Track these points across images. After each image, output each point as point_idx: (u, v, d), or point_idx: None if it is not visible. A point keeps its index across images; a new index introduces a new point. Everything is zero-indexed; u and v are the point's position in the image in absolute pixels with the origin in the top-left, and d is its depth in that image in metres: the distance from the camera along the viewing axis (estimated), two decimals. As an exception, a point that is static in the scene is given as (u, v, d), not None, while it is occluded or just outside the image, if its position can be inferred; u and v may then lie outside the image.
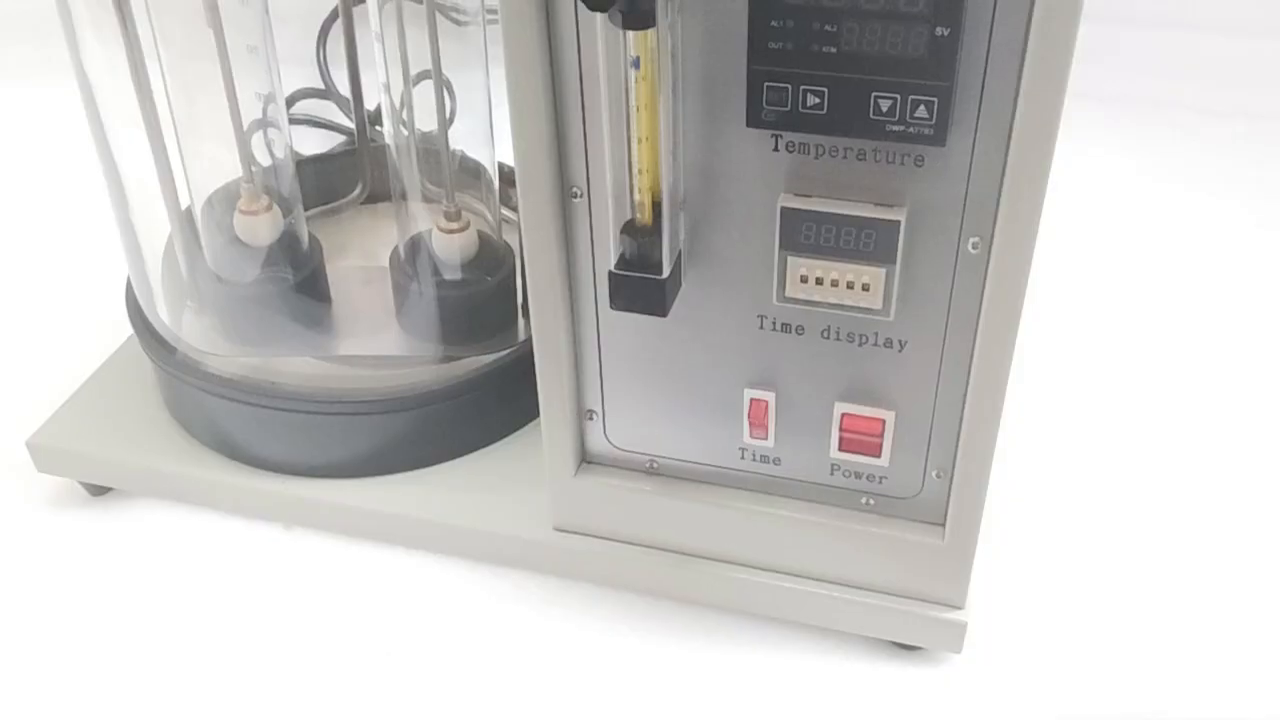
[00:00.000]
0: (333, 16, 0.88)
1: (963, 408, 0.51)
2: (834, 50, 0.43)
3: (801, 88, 0.44)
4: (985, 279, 0.47)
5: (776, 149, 0.47)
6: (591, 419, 0.57)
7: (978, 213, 0.46)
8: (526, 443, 0.67)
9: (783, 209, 0.47)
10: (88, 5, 0.59)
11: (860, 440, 0.53)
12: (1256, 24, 1.00)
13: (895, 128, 0.44)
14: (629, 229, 0.48)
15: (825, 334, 0.51)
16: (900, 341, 0.50)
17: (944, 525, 0.55)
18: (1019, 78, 0.42)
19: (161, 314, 0.68)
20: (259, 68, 0.62)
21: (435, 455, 0.66)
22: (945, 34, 0.41)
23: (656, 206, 0.47)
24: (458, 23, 0.63)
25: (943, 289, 0.48)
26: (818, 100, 0.44)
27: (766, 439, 0.55)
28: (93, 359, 0.72)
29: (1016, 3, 0.41)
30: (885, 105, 0.43)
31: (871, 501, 0.56)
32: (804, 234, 0.47)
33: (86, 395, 0.70)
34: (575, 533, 0.61)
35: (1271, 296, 0.84)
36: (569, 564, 0.62)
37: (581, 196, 0.50)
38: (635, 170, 0.46)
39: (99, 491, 0.69)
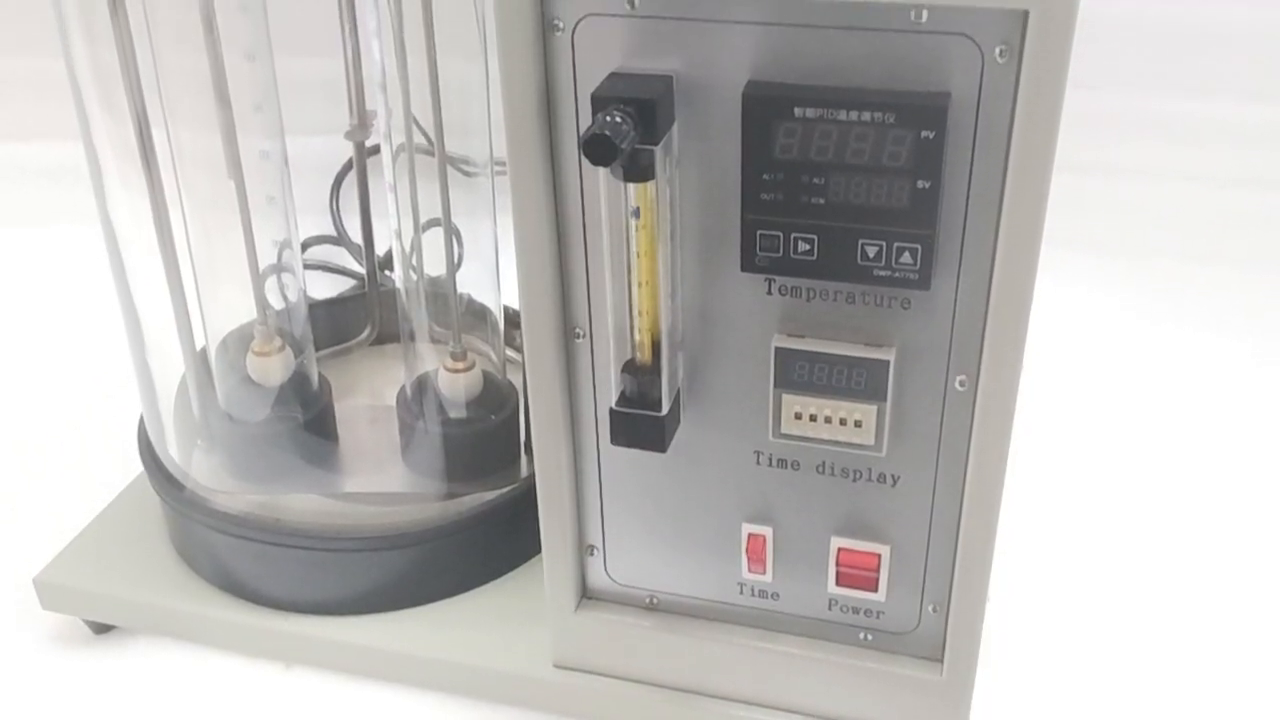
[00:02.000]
0: (347, 167, 0.92)
1: (956, 542, 0.52)
2: (822, 201, 0.45)
3: (792, 235, 0.46)
4: (973, 416, 0.49)
5: (770, 292, 0.49)
6: (592, 554, 0.58)
7: (963, 352, 0.48)
8: (527, 579, 0.68)
9: (777, 349, 0.49)
10: (116, 157, 0.62)
11: (857, 575, 0.54)
12: (1235, 175, 1.04)
13: (882, 273, 0.46)
14: (630, 368, 0.50)
15: (820, 469, 0.52)
16: (893, 476, 0.52)
17: (942, 661, 0.55)
18: (997, 226, 0.45)
19: (172, 451, 0.69)
20: (276, 216, 0.65)
21: (437, 592, 0.67)
22: (926, 186, 0.44)
23: (656, 346, 0.49)
24: (467, 174, 0.66)
25: (933, 425, 0.50)
26: (808, 247, 0.46)
27: (765, 574, 0.56)
28: (104, 495, 0.73)
29: (992, 158, 0.44)
30: (872, 252, 0.46)
31: (869, 637, 0.56)
32: (797, 372, 0.49)
33: (94, 533, 0.71)
34: (576, 669, 0.61)
35: (1267, 425, 0.86)
36: (570, 701, 0.62)
37: (584, 337, 0.52)
38: (636, 312, 0.48)
39: (102, 629, 0.69)
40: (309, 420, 0.68)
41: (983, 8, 0.41)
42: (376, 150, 0.74)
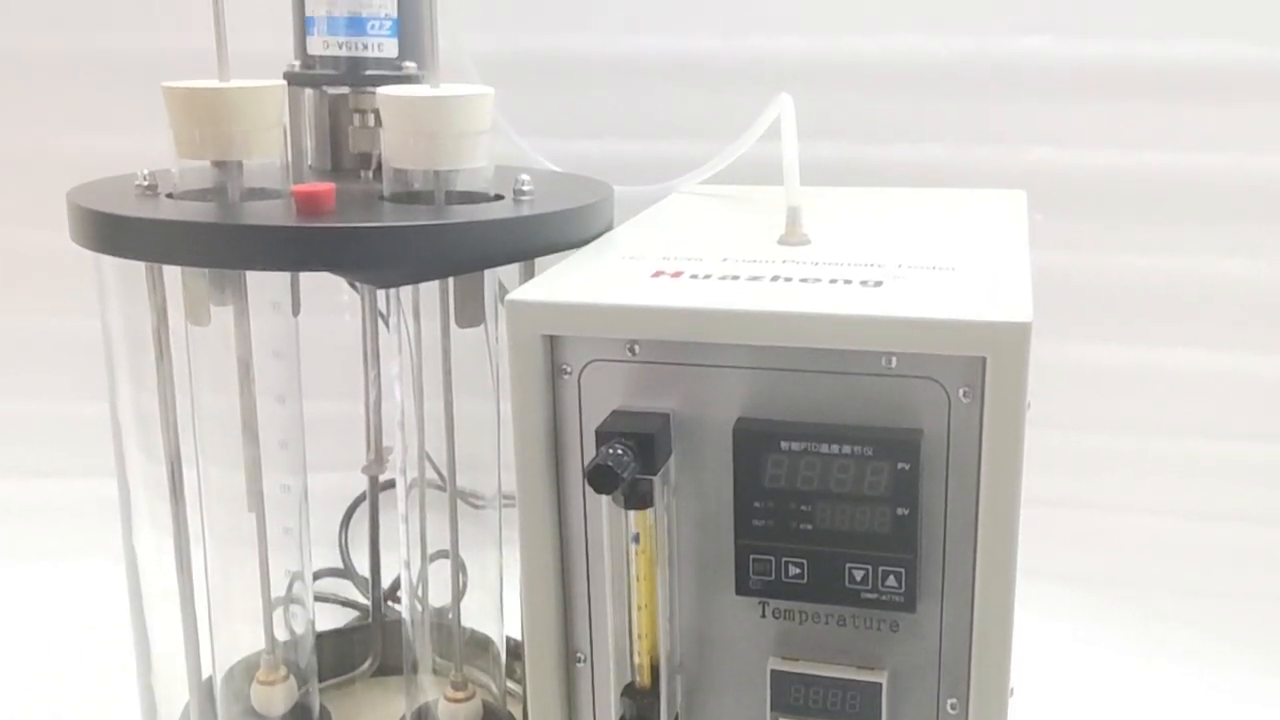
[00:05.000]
0: (358, 501, 0.95)
1: None
2: (810, 527, 0.49)
3: (783, 560, 0.49)
4: (967, 739, 0.50)
5: (764, 615, 0.51)
6: None
7: (952, 675, 0.49)
8: None
9: (772, 671, 0.50)
10: (148, 494, 0.65)
11: None
12: (1207, 510, 1.08)
13: (869, 595, 0.49)
14: (629, 691, 0.51)
15: (820, 798, 0.52)
16: (893, 805, 0.52)
17: None
18: (975, 551, 0.48)
19: (167, 786, 0.68)
20: (292, 547, 0.68)
21: None
22: (905, 514, 0.47)
23: (655, 669, 0.51)
24: (476, 507, 0.69)
25: (928, 750, 0.51)
26: (798, 571, 0.49)
27: None
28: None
29: (965, 487, 0.47)
30: (859, 575, 0.49)
31: None
32: (793, 696, 0.50)
33: None
34: None
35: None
36: None
37: (585, 661, 0.54)
38: (636, 635, 0.50)
39: None
40: (307, 753, 0.68)
41: (945, 355, 0.47)
42: (389, 485, 0.78)
